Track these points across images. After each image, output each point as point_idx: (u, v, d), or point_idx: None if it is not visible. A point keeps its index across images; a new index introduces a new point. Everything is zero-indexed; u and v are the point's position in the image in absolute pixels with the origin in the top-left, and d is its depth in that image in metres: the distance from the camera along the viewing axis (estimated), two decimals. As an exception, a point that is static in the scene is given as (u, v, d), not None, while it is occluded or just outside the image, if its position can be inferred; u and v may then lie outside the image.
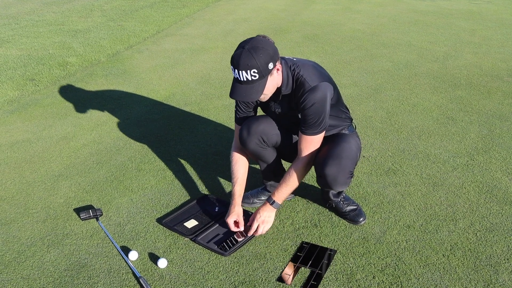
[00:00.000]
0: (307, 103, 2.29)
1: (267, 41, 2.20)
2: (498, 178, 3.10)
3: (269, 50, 2.16)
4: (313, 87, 2.29)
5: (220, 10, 9.27)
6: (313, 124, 2.34)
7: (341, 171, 2.40)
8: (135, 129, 4.02)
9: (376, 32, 7.13)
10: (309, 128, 2.36)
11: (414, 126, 3.87)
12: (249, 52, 2.11)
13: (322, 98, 2.30)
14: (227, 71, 5.42)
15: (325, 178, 2.43)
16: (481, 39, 6.59)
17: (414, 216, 2.73)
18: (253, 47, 2.12)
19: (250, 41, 2.16)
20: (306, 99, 2.28)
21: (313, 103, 2.28)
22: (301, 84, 2.31)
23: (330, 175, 2.40)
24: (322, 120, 2.33)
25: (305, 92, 2.29)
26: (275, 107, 2.51)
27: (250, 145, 2.59)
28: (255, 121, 2.58)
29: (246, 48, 2.12)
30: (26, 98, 4.82)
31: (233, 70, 2.17)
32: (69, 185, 3.19)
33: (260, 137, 2.56)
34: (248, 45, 2.14)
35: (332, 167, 2.38)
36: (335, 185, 2.47)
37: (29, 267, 2.42)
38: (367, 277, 2.28)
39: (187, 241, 2.58)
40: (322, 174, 2.44)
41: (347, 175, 2.44)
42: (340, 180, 2.43)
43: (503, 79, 4.92)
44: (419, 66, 5.43)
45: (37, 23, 8.27)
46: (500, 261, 2.36)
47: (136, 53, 6.35)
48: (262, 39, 2.19)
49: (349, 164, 2.43)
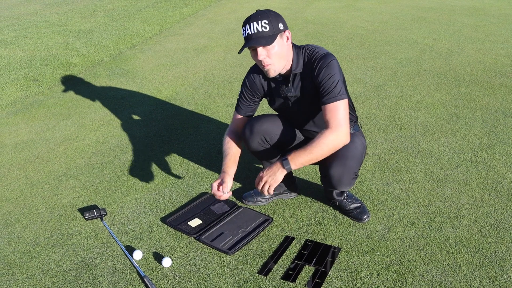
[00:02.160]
0: (321, 66, 2.28)
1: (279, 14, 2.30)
2: (502, 174, 3.09)
3: (281, 16, 2.26)
4: (324, 54, 2.32)
5: (222, 9, 9.27)
6: (331, 90, 2.25)
7: (346, 172, 2.39)
8: (138, 128, 4.03)
9: (378, 29, 7.11)
10: (328, 95, 2.25)
11: (417, 123, 3.86)
12: (262, 11, 2.23)
13: (335, 62, 2.31)
14: (230, 70, 5.42)
15: (330, 178, 2.43)
16: (485, 35, 6.57)
17: (418, 213, 2.72)
18: (267, 10, 2.24)
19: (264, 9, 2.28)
20: (318, 64, 2.29)
21: (326, 65, 2.28)
22: (312, 55, 2.34)
23: (335, 176, 2.40)
24: (338, 83, 2.26)
25: (316, 59, 2.30)
26: (287, 91, 2.43)
27: (252, 144, 2.59)
28: (258, 121, 2.57)
29: (259, 11, 2.24)
30: (29, 99, 4.84)
31: (243, 31, 2.23)
32: (73, 185, 3.20)
33: (263, 136, 2.56)
34: (261, 10, 2.25)
35: (337, 168, 2.37)
36: (339, 186, 2.47)
37: (34, 267, 2.43)
38: (371, 275, 2.28)
39: (191, 240, 2.58)
40: (326, 174, 2.43)
41: (351, 176, 2.44)
42: (344, 181, 2.43)
43: (507, 75, 4.90)
44: (422, 63, 5.41)
45: (40, 24, 8.30)
46: (505, 258, 2.35)
47: (139, 53, 6.36)
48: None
49: (354, 164, 2.42)
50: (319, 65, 2.29)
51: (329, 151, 2.24)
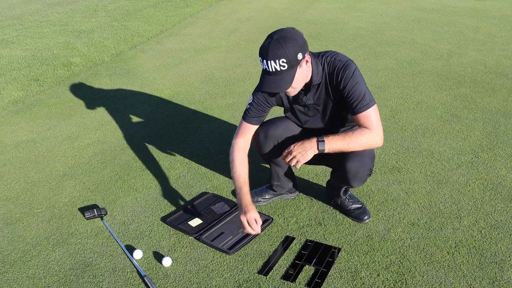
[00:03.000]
0: (346, 77, 2.24)
1: (296, 31, 2.16)
2: (502, 175, 3.09)
3: (298, 41, 2.12)
4: (345, 63, 2.27)
5: (223, 9, 9.28)
6: (361, 99, 2.23)
7: (362, 167, 2.38)
8: (139, 128, 4.03)
9: (379, 30, 7.11)
10: (359, 104, 2.23)
11: (418, 124, 3.86)
12: (277, 42, 2.06)
13: (357, 71, 2.26)
14: (231, 70, 5.42)
15: (346, 173, 2.40)
16: (486, 36, 6.57)
17: (419, 214, 2.72)
18: (282, 37, 2.08)
19: (278, 32, 2.12)
20: (343, 75, 2.24)
21: (351, 76, 2.24)
22: (334, 65, 2.28)
23: (352, 170, 2.38)
24: (366, 92, 2.24)
25: (340, 70, 2.25)
26: (306, 100, 2.39)
27: (265, 149, 2.57)
28: (273, 125, 2.54)
29: (275, 38, 2.08)
30: (30, 99, 4.84)
31: (261, 62, 2.12)
32: (74, 184, 3.20)
33: (277, 141, 2.54)
34: (277, 35, 2.09)
35: (354, 162, 2.35)
36: (355, 181, 2.44)
37: (34, 266, 2.44)
38: (371, 275, 2.28)
39: (192, 239, 2.59)
40: (343, 168, 2.39)
41: (367, 172, 2.42)
42: (360, 176, 2.41)
43: (508, 76, 4.90)
44: (423, 64, 5.41)
45: (41, 23, 8.31)
46: (505, 258, 2.35)
47: (140, 53, 6.36)
48: (291, 29, 2.16)
49: (369, 160, 2.40)
50: (344, 75, 2.24)
51: (363, 147, 2.25)
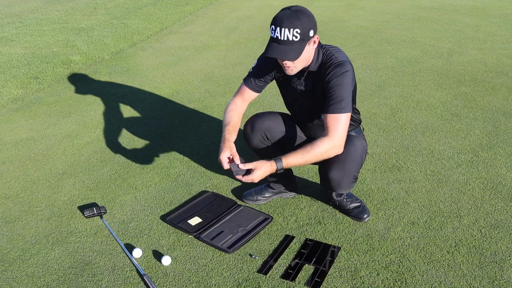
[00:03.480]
0: (334, 74, 2.24)
1: (310, 11, 2.21)
2: (503, 174, 3.08)
3: (312, 18, 2.17)
4: (340, 62, 2.27)
5: (223, 7, 9.26)
6: (338, 101, 2.23)
7: (345, 175, 2.39)
8: (138, 126, 4.03)
9: (380, 28, 7.10)
10: (334, 105, 2.24)
11: (418, 123, 3.85)
12: (295, 13, 2.10)
13: (349, 74, 2.26)
14: (231, 68, 5.41)
15: (329, 182, 2.42)
16: (486, 35, 6.56)
17: (419, 213, 2.72)
18: (299, 10, 2.13)
19: (295, 6, 2.16)
20: (332, 71, 2.25)
21: (340, 75, 2.24)
22: (329, 58, 2.29)
23: (334, 179, 2.39)
24: (346, 97, 2.24)
25: (332, 65, 2.26)
26: (298, 84, 2.42)
27: (253, 141, 2.59)
28: (260, 118, 2.57)
29: (292, 9, 2.12)
30: (30, 96, 4.83)
31: (273, 30, 2.14)
32: (73, 183, 3.20)
33: (264, 134, 2.56)
34: (294, 7, 2.14)
35: (336, 171, 2.37)
36: (339, 189, 2.47)
37: (33, 265, 2.43)
38: (371, 274, 2.28)
39: (191, 238, 2.58)
40: (325, 177, 2.43)
41: (351, 179, 2.44)
42: (344, 184, 2.43)
43: (508, 75, 4.89)
44: (423, 62, 5.40)
45: (41, 21, 8.29)
46: (505, 258, 2.35)
47: (140, 51, 6.35)
48: (306, 8, 2.19)
49: (353, 168, 2.41)
50: (333, 72, 2.25)
51: (321, 159, 2.29)
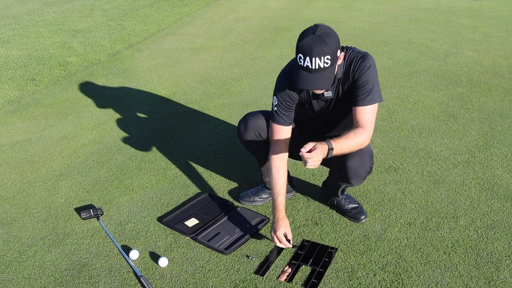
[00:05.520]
0: (361, 70, 2.23)
1: (331, 28, 2.14)
2: (499, 175, 3.09)
3: (337, 37, 2.12)
4: (363, 54, 2.27)
5: (220, 9, 9.27)
6: (370, 91, 2.24)
7: (362, 164, 2.37)
8: (135, 128, 4.02)
9: (376, 30, 7.12)
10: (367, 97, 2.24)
11: (414, 124, 3.86)
12: (321, 38, 2.04)
13: (372, 65, 2.25)
14: (228, 70, 5.41)
15: (346, 170, 2.38)
16: (482, 36, 6.58)
17: (415, 214, 2.73)
18: (324, 33, 2.06)
19: (317, 28, 2.08)
20: (359, 66, 2.24)
21: (366, 69, 2.23)
22: (351, 56, 2.27)
23: (352, 167, 2.36)
24: (373, 87, 2.25)
25: (358, 60, 2.25)
26: (327, 94, 2.35)
27: (246, 138, 2.60)
28: (254, 116, 2.58)
29: (317, 34, 2.05)
30: (26, 98, 4.82)
31: (301, 59, 2.08)
32: (70, 184, 3.19)
33: (257, 131, 2.56)
34: (318, 31, 2.06)
35: (354, 159, 2.33)
36: (355, 178, 2.42)
37: (30, 267, 2.43)
38: (368, 275, 2.28)
39: (188, 240, 2.58)
40: (343, 165, 2.36)
41: (367, 169, 2.41)
42: (360, 173, 2.40)
43: (504, 76, 4.91)
44: (420, 63, 5.42)
45: (38, 23, 8.28)
46: (501, 258, 2.35)
47: (137, 53, 6.35)
48: (327, 26, 2.13)
49: (368, 159, 2.40)
50: (361, 66, 2.24)
51: (355, 149, 2.24)
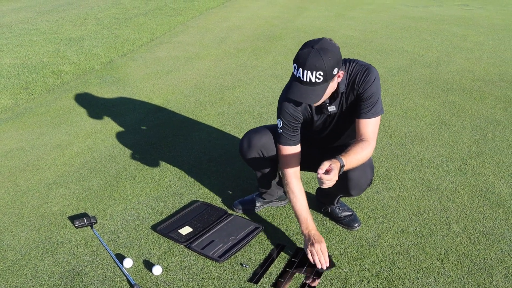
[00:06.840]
0: (369, 80, 2.22)
1: (335, 44, 2.10)
2: (491, 182, 3.12)
3: (337, 55, 2.07)
4: (367, 67, 2.25)
5: (213, 17, 9.30)
6: (374, 104, 2.25)
7: (364, 176, 2.37)
8: (129, 136, 4.02)
9: (369, 38, 7.17)
10: (371, 110, 2.25)
11: (407, 131, 3.89)
12: (318, 53, 2.01)
13: (376, 78, 2.25)
14: (221, 78, 5.43)
15: (348, 181, 2.36)
16: (473, 44, 6.65)
17: (408, 221, 2.74)
18: (323, 49, 2.02)
19: (319, 42, 2.06)
20: (363, 80, 2.23)
21: (370, 83, 2.22)
22: (355, 70, 2.26)
23: (354, 179, 2.35)
24: (378, 100, 2.26)
25: (362, 74, 2.23)
26: (330, 108, 2.34)
27: (249, 157, 2.59)
28: (257, 134, 2.55)
29: (316, 48, 2.02)
30: (20, 107, 4.81)
31: (295, 69, 2.07)
32: (63, 193, 3.18)
33: (260, 151, 2.55)
34: (318, 45, 2.04)
35: (356, 171, 2.30)
36: (355, 189, 2.42)
37: (23, 276, 2.41)
38: (361, 282, 2.28)
39: (182, 248, 2.58)
40: (345, 177, 2.32)
41: (368, 181, 2.42)
42: (361, 185, 2.40)
43: (495, 84, 4.96)
44: (412, 71, 5.46)
45: (31, 31, 8.27)
46: (494, 264, 2.37)
47: (130, 61, 6.36)
48: (330, 41, 2.09)
49: (370, 171, 2.40)
50: (366, 80, 2.23)
51: (361, 162, 2.24)
